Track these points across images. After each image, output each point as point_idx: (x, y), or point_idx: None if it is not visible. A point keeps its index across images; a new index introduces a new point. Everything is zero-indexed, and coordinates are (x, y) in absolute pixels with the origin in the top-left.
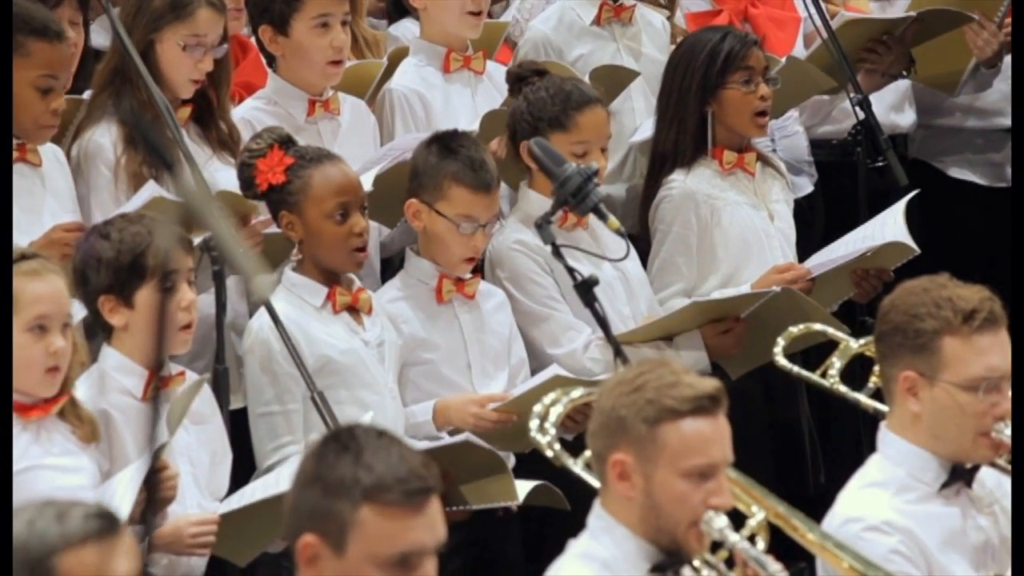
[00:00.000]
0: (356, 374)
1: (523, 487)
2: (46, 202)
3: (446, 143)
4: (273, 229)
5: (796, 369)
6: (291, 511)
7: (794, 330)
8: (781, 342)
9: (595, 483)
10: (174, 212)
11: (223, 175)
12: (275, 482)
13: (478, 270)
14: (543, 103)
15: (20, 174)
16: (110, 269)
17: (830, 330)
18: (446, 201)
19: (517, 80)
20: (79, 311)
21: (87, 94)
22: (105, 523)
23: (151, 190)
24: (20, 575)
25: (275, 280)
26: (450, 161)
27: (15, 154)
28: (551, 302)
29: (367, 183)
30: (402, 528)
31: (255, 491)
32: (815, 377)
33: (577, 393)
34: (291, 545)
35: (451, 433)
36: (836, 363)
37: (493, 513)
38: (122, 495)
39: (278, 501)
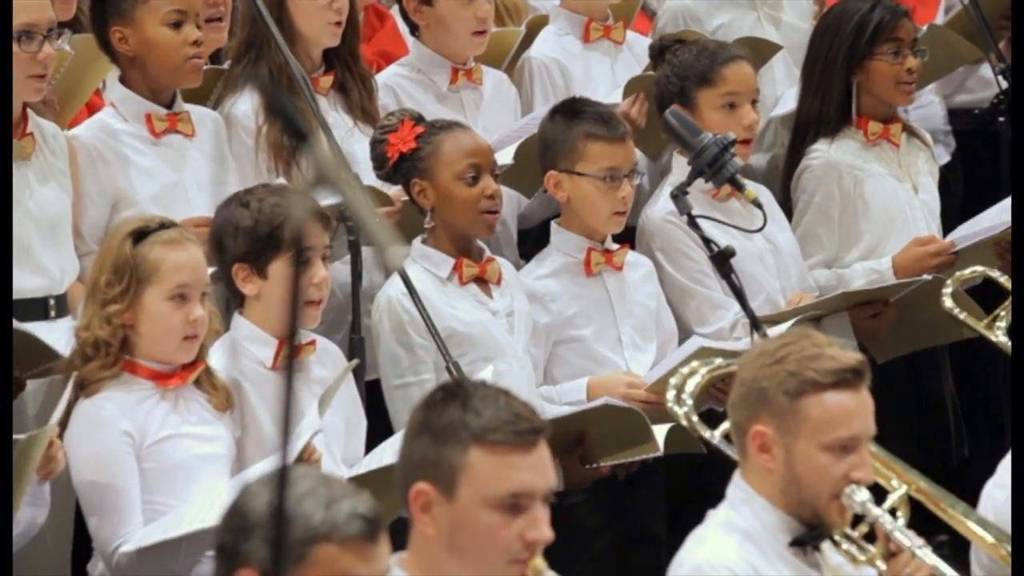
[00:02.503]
0: (482, 345)
1: (659, 432)
2: (190, 171)
3: (568, 108)
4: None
5: (963, 316)
6: (402, 462)
7: (965, 273)
8: (950, 285)
9: (733, 455)
10: (309, 183)
11: (363, 145)
12: (379, 455)
13: (627, 240)
14: (688, 63)
15: (169, 145)
16: (247, 238)
17: (1000, 277)
18: (584, 160)
19: (659, 52)
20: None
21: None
22: (368, 527)
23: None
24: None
25: (408, 251)
26: (578, 122)
27: (163, 124)
28: (702, 277)
29: (508, 156)
30: (511, 468)
31: (369, 462)
32: (981, 327)
33: (716, 364)
34: (403, 496)
35: None
36: (1003, 316)
37: (637, 490)
38: None
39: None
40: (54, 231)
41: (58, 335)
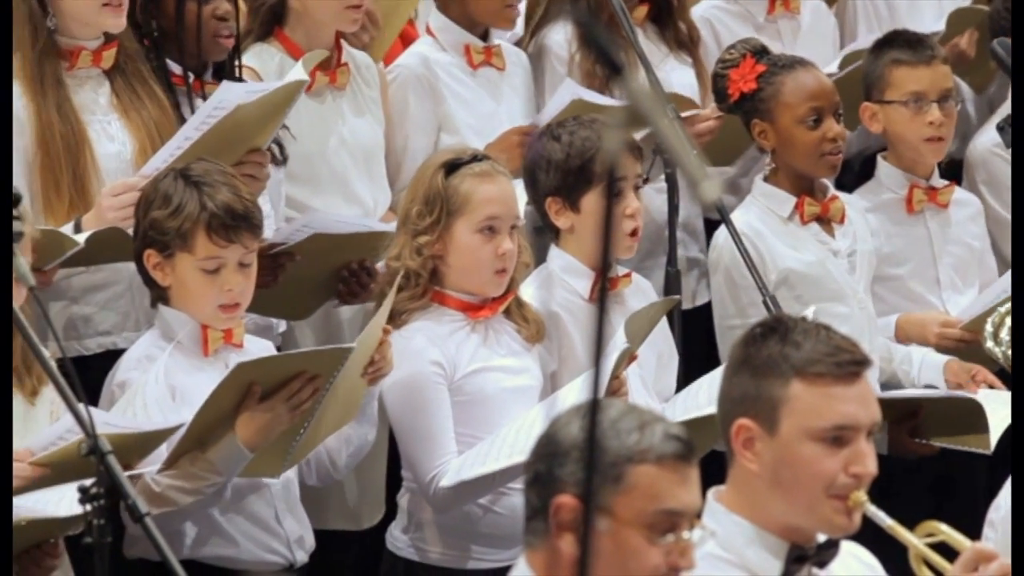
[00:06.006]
0: (823, 286)
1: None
2: (504, 105)
3: (884, 39)
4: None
5: None
6: (722, 399)
7: None
8: None
9: None
10: (622, 116)
11: (678, 75)
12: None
13: (955, 176)
14: None
15: (485, 77)
16: (559, 171)
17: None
18: (892, 87)
19: None
20: None
21: None
22: (683, 448)
23: (570, 91)
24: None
25: (722, 184)
26: (887, 50)
27: (480, 56)
28: None
29: None
30: (834, 400)
31: (685, 400)
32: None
33: None
34: (724, 432)
35: None
36: None
37: None
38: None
39: None
40: (368, 161)
41: None
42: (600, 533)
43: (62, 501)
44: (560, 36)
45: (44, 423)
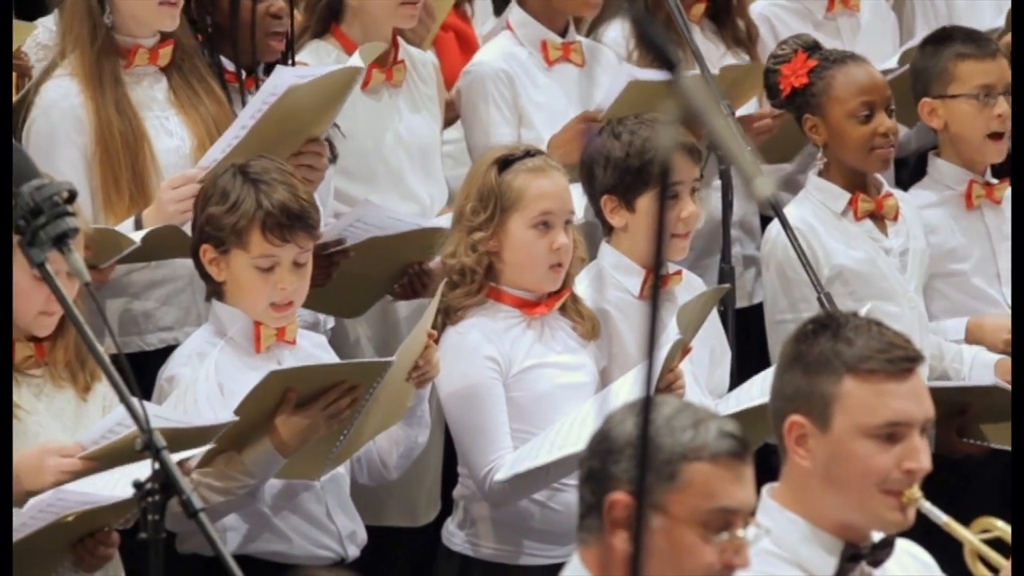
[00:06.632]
0: (873, 284)
1: None
2: (580, 100)
3: (938, 35)
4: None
5: None
6: (775, 395)
7: None
8: None
9: None
10: (678, 114)
11: None
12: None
13: (1005, 173)
14: None
15: (562, 73)
16: (616, 169)
17: None
18: (957, 82)
19: None
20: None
21: None
22: (738, 445)
23: (625, 73)
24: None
25: (776, 181)
26: (947, 45)
27: (558, 52)
28: None
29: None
30: (887, 396)
31: (738, 396)
32: None
33: None
34: (777, 429)
35: None
36: None
37: None
38: (624, 398)
39: None
40: (424, 158)
41: None
42: (654, 531)
43: (117, 485)
44: (616, 33)
45: (96, 419)
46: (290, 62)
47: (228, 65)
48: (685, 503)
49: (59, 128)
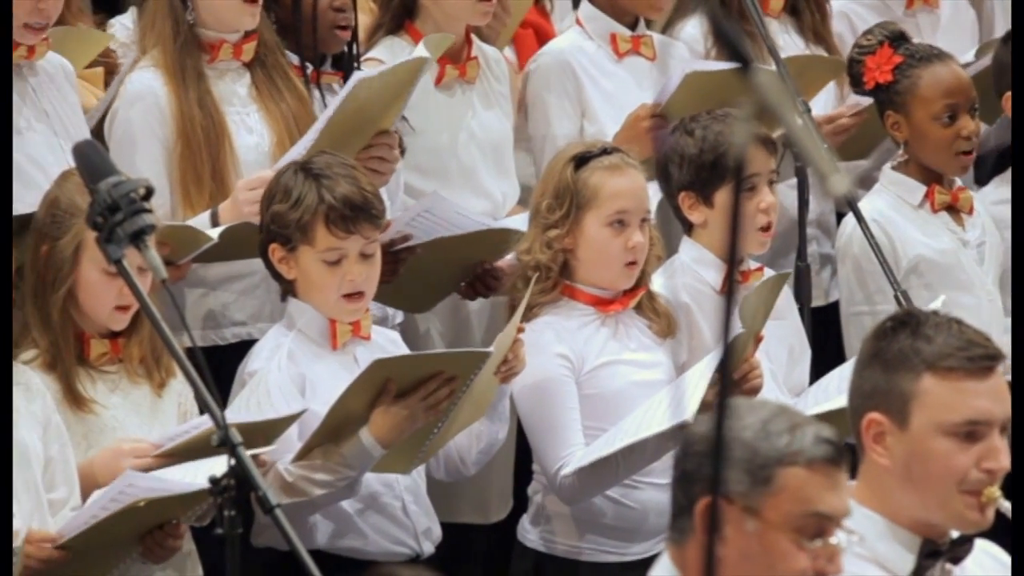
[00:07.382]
0: (952, 275)
1: None
2: (651, 94)
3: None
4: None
5: None
6: (853, 392)
7: None
8: None
9: None
10: (753, 111)
11: None
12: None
13: None
14: None
15: (632, 66)
16: (692, 166)
17: None
18: None
19: None
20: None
21: None
22: (833, 451)
23: (682, 66)
24: (739, 469)
25: (853, 178)
26: None
27: (627, 45)
28: None
29: None
30: (966, 394)
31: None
32: None
33: None
34: (855, 427)
35: None
36: None
37: None
38: (695, 386)
39: None
40: (496, 155)
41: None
42: (748, 535)
43: (186, 476)
44: (695, 30)
45: (171, 415)
46: (356, 55)
47: (293, 59)
48: (780, 508)
49: (143, 120)
